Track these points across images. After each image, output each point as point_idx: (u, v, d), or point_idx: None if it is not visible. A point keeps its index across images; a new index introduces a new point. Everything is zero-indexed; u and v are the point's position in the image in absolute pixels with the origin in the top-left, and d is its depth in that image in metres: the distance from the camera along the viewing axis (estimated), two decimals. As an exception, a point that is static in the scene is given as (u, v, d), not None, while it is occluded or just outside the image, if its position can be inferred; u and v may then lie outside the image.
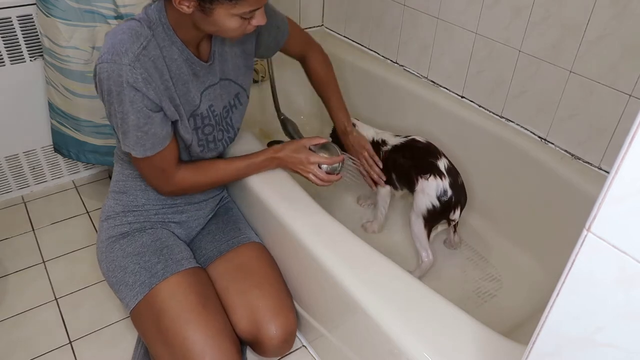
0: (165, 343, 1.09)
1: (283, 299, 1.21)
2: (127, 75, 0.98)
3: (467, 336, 0.93)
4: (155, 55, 1.03)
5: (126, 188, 1.25)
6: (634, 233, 0.44)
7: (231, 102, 1.24)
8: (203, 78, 1.14)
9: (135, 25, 1.02)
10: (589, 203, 0.47)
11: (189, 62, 1.09)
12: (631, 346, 0.49)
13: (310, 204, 1.22)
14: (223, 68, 1.19)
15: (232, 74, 1.22)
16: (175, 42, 1.06)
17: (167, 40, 1.05)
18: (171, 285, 1.14)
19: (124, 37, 1.00)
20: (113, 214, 1.25)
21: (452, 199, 1.35)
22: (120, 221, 1.24)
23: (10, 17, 1.53)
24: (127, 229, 1.23)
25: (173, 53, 1.06)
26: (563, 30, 1.32)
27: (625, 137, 0.42)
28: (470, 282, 1.49)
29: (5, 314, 1.41)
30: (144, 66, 1.00)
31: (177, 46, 1.07)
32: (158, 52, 1.03)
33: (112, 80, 0.99)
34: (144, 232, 1.23)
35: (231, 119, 1.25)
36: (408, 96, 1.77)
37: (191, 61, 1.10)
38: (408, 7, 1.74)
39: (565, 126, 1.40)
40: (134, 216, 1.24)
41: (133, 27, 1.02)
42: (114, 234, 1.23)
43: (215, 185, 1.29)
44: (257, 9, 1.01)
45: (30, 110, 1.70)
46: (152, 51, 1.02)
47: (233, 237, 1.30)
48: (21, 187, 1.83)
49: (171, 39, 1.06)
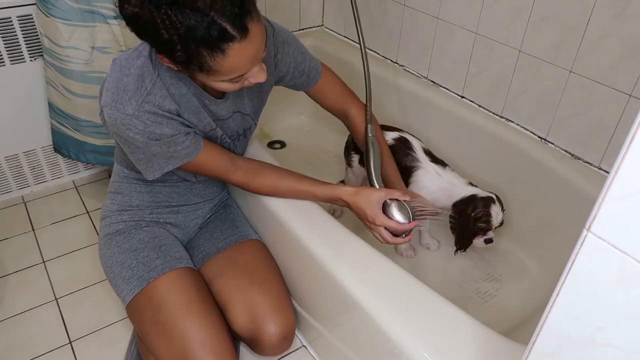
0: (163, 335, 1.10)
1: (282, 296, 1.22)
2: (135, 123, 0.97)
3: (467, 336, 0.93)
4: (162, 96, 0.99)
5: (122, 189, 1.26)
6: (634, 233, 0.44)
7: (239, 132, 1.22)
8: (215, 111, 1.10)
9: (141, 65, 0.98)
10: (589, 203, 0.47)
11: (197, 95, 1.06)
12: (631, 346, 0.49)
13: (311, 204, 1.22)
14: (237, 102, 1.16)
15: (247, 109, 1.19)
16: (182, 78, 1.02)
17: (174, 77, 1.01)
18: (172, 279, 1.15)
19: (129, 81, 0.97)
20: (109, 212, 1.27)
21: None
22: (115, 219, 1.25)
23: (10, 17, 1.53)
24: (123, 227, 1.24)
25: (181, 88, 1.02)
26: (563, 30, 1.32)
27: (625, 137, 0.42)
28: (470, 282, 1.49)
29: (5, 314, 1.41)
30: (151, 111, 0.98)
31: (184, 82, 1.02)
32: (165, 92, 1.00)
33: (117, 127, 0.99)
34: (140, 230, 1.24)
35: (237, 146, 1.24)
36: (408, 96, 1.77)
37: (200, 95, 1.06)
38: (408, 7, 1.74)
39: (565, 126, 1.40)
40: (128, 215, 1.25)
41: (139, 69, 0.98)
42: (110, 231, 1.24)
43: (280, 196, 1.23)
44: (241, 75, 0.94)
45: (30, 110, 1.70)
46: (157, 93, 0.99)
47: (231, 234, 1.30)
48: (21, 187, 1.83)
49: (177, 76, 1.01)
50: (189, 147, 1.06)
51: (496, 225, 1.31)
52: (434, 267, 1.51)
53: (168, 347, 1.09)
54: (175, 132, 1.02)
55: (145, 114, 0.97)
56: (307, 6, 2.08)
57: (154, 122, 0.98)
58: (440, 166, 1.37)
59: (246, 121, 1.21)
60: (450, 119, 1.65)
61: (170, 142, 1.03)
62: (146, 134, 0.99)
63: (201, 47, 0.85)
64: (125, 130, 0.98)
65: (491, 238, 1.33)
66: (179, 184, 1.25)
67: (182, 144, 1.04)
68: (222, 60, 0.87)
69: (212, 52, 0.86)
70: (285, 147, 2.06)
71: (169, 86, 1.01)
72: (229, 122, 1.16)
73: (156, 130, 0.99)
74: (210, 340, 1.08)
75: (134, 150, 1.05)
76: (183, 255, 1.23)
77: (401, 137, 1.43)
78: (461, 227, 1.33)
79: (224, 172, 1.14)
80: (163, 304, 1.11)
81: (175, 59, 0.88)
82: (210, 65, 0.88)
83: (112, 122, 0.98)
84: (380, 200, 1.12)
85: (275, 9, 2.00)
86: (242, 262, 1.24)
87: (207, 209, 1.35)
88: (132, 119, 0.97)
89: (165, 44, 0.85)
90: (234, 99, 1.14)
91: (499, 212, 1.30)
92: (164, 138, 1.01)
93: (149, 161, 1.06)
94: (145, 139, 1.00)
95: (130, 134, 0.99)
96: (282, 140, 2.08)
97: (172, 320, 1.10)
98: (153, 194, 1.25)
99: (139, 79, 0.98)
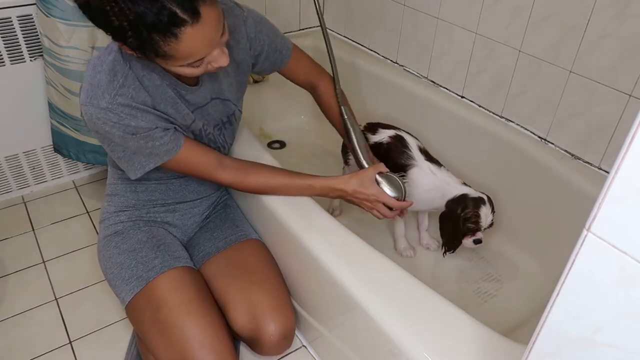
0: (163, 334, 1.10)
1: (282, 296, 1.22)
2: (109, 116, 0.98)
3: (467, 336, 0.93)
4: (135, 88, 1.00)
5: (117, 190, 1.27)
6: (634, 233, 0.44)
7: (224, 120, 1.22)
8: (191, 100, 1.11)
9: (112, 60, 0.99)
10: (589, 203, 0.47)
11: (172, 86, 1.06)
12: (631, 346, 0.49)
13: (311, 204, 1.22)
14: (214, 87, 1.16)
15: (226, 94, 1.20)
16: (155, 69, 1.02)
17: (146, 68, 1.01)
18: (171, 278, 1.14)
19: (101, 77, 0.98)
20: (107, 215, 1.27)
21: None
22: (113, 221, 1.25)
23: (10, 17, 1.53)
24: (121, 227, 1.24)
25: (154, 79, 1.03)
26: (563, 30, 1.32)
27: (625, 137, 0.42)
28: (470, 282, 1.49)
29: (5, 314, 1.41)
30: (124, 103, 0.98)
31: (156, 72, 1.03)
32: (138, 84, 1.00)
33: (93, 123, 1.00)
34: (138, 230, 1.24)
35: (224, 136, 1.24)
36: (408, 96, 1.77)
37: (175, 84, 1.06)
38: (408, 7, 1.74)
39: (565, 126, 1.40)
40: (126, 215, 1.26)
41: (111, 64, 0.99)
42: (108, 233, 1.25)
43: (272, 194, 1.24)
44: (201, 58, 0.93)
45: (30, 110, 1.70)
46: (130, 85, 0.99)
47: (231, 234, 1.30)
48: (21, 187, 1.83)
49: (150, 66, 1.02)
50: (168, 144, 1.06)
51: (485, 226, 1.31)
52: (434, 267, 1.51)
53: (167, 346, 1.09)
54: (151, 125, 1.02)
55: (119, 107, 0.98)
56: (307, 6, 2.08)
57: (128, 114, 0.99)
58: (436, 165, 1.38)
59: (228, 107, 1.21)
60: (450, 119, 1.65)
61: (147, 137, 1.02)
62: (122, 127, 0.99)
63: (153, 33, 0.85)
64: (102, 125, 0.99)
65: (480, 239, 1.33)
66: (174, 181, 1.25)
67: (160, 139, 1.04)
68: (176, 45, 0.87)
69: (164, 38, 0.85)
70: (285, 147, 2.06)
71: (141, 78, 1.01)
72: (208, 109, 1.16)
73: (131, 122, 0.99)
74: (209, 340, 1.08)
75: (114, 149, 1.05)
76: (182, 255, 1.23)
77: (397, 135, 1.43)
78: (450, 226, 1.33)
79: (211, 170, 1.14)
80: (162, 303, 1.11)
81: (129, 46, 0.88)
82: (165, 51, 0.88)
83: (89, 118, 1.00)
84: (372, 178, 1.18)
85: (275, 9, 2.00)
86: (242, 262, 1.24)
87: (204, 206, 1.35)
88: (106, 112, 0.98)
89: (116, 30, 0.86)
90: (211, 84, 1.15)
91: (489, 214, 1.30)
92: (140, 132, 1.01)
93: (129, 159, 1.07)
94: (122, 133, 1.00)
95: (107, 129, 0.99)
96: (282, 140, 2.08)
97: (171, 319, 1.10)
98: (148, 192, 1.25)
99: (110, 73, 0.98)
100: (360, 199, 1.19)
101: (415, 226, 1.61)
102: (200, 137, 1.16)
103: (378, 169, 1.20)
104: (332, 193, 1.21)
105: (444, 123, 1.67)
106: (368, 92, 1.92)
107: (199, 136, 1.16)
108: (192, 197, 1.31)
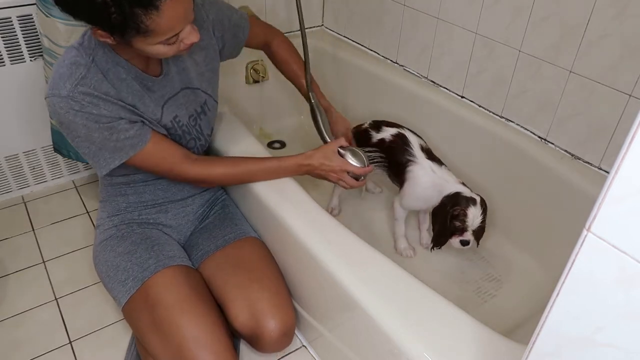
0: (160, 333, 1.10)
1: (282, 293, 1.22)
2: (71, 104, 0.99)
3: (467, 336, 0.93)
4: (98, 80, 1.02)
5: (108, 196, 1.28)
6: (634, 233, 0.44)
7: (197, 110, 1.23)
8: (159, 92, 1.13)
9: (74, 55, 1.02)
10: (589, 203, 0.47)
11: (138, 79, 1.08)
12: (631, 346, 0.49)
13: (310, 203, 1.22)
14: (183, 77, 1.18)
15: (195, 82, 1.21)
16: (120, 62, 1.05)
17: (111, 62, 1.04)
18: (165, 277, 1.15)
19: (63, 70, 1.00)
20: (101, 220, 1.28)
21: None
22: (107, 225, 1.26)
23: (10, 17, 1.53)
24: (115, 231, 1.25)
25: (119, 73, 1.05)
26: (563, 30, 1.32)
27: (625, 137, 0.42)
28: (470, 282, 1.49)
29: (5, 314, 1.41)
30: (86, 92, 1.00)
31: (122, 65, 1.05)
32: (101, 76, 1.02)
33: (57, 113, 1.01)
34: (132, 232, 1.24)
35: (200, 126, 1.25)
36: (408, 96, 1.77)
37: (141, 77, 1.08)
38: (408, 7, 1.74)
39: (565, 126, 1.40)
40: (118, 219, 1.26)
41: (72, 58, 1.01)
42: (104, 238, 1.25)
43: (241, 182, 1.29)
44: (176, 34, 0.97)
45: (30, 110, 1.70)
46: (93, 77, 1.01)
47: (230, 232, 1.30)
48: (21, 187, 1.83)
49: (114, 60, 1.04)
50: (133, 138, 1.06)
51: (472, 227, 1.31)
52: (434, 267, 1.52)
53: (164, 345, 1.09)
54: (114, 115, 1.03)
55: (80, 95, 0.99)
56: (307, 6, 2.08)
57: (90, 102, 1.00)
58: (436, 164, 1.39)
59: (198, 96, 1.23)
60: (450, 119, 1.65)
61: (112, 128, 1.03)
62: (84, 114, 1.00)
63: (135, 7, 0.88)
64: (65, 114, 1.00)
65: (467, 240, 1.32)
66: (161, 180, 1.26)
67: (125, 132, 1.05)
68: (158, 17, 0.90)
69: (146, 11, 0.89)
70: (285, 147, 2.06)
71: (105, 72, 1.03)
72: (179, 99, 1.17)
73: (93, 110, 1.01)
74: (206, 337, 1.08)
75: (79, 144, 1.06)
76: (177, 254, 1.23)
77: (399, 133, 1.45)
78: (439, 222, 1.34)
79: (178, 164, 1.14)
80: (157, 302, 1.11)
81: (112, 25, 0.90)
82: (147, 25, 0.91)
83: (53, 109, 1.01)
84: (334, 150, 1.25)
85: (276, 9, 2.00)
86: (241, 260, 1.24)
87: (196, 205, 1.35)
88: (67, 101, 0.99)
89: (99, 10, 0.88)
90: (179, 75, 1.17)
91: (478, 215, 1.30)
92: (102, 120, 1.02)
93: (94, 155, 1.07)
94: (85, 121, 1.01)
95: (70, 117, 1.00)
96: (282, 140, 2.09)
97: (167, 318, 1.09)
98: (138, 194, 1.26)
99: (71, 67, 1.00)
100: (326, 171, 1.24)
101: (416, 226, 1.61)
102: (174, 129, 1.17)
103: (339, 143, 1.26)
104: (300, 169, 1.26)
105: (444, 123, 1.67)
106: (368, 92, 1.92)
107: (172, 128, 1.17)
108: (182, 196, 1.31)
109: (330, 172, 1.24)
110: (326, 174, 1.25)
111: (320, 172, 1.25)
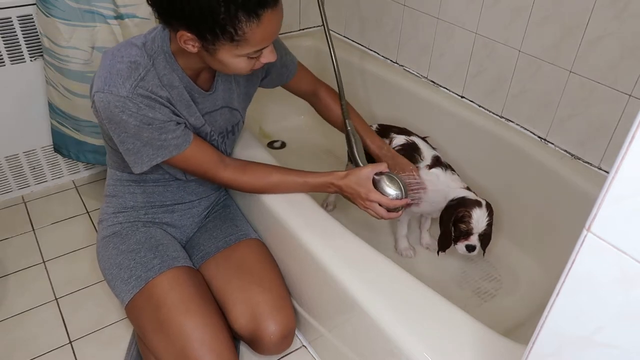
0: (163, 333, 1.10)
1: (282, 295, 1.22)
2: (128, 106, 0.99)
3: (467, 336, 0.93)
4: (154, 84, 1.02)
5: (116, 191, 1.27)
6: (634, 233, 0.44)
7: (228, 129, 1.25)
8: (202, 105, 1.14)
9: (135, 54, 1.01)
10: (589, 203, 0.47)
11: (188, 89, 1.09)
12: (631, 346, 0.49)
13: (311, 204, 1.22)
14: (226, 96, 1.19)
15: (236, 103, 1.23)
16: (176, 70, 1.06)
17: (168, 68, 1.05)
18: (170, 278, 1.15)
19: (122, 67, 1.00)
20: (106, 216, 1.28)
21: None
22: (112, 222, 1.26)
23: (10, 17, 1.53)
24: (119, 228, 1.25)
25: (173, 80, 1.06)
26: (563, 30, 1.32)
27: (625, 137, 0.42)
28: (470, 282, 1.49)
29: (5, 314, 1.41)
30: (144, 94, 1.00)
31: (177, 74, 1.06)
32: (157, 81, 1.03)
33: (109, 110, 1.00)
34: (137, 231, 1.24)
35: (225, 144, 1.26)
36: (408, 96, 1.77)
37: (190, 88, 1.10)
38: (408, 7, 1.74)
39: (565, 126, 1.40)
40: (124, 216, 1.26)
41: (132, 57, 1.01)
42: (107, 234, 1.25)
43: (264, 193, 1.25)
44: (263, 48, 1.00)
45: (30, 110, 1.70)
46: (150, 81, 1.02)
47: (231, 233, 1.30)
48: (21, 187, 1.83)
49: (172, 67, 1.05)
50: (179, 138, 1.07)
51: (477, 230, 1.28)
52: (434, 267, 1.51)
53: (167, 345, 1.09)
54: (167, 118, 1.04)
55: (138, 97, 0.99)
56: (307, 6, 2.08)
57: (147, 105, 1.01)
58: (441, 168, 1.38)
59: (234, 116, 1.24)
60: (450, 119, 1.65)
61: (161, 129, 1.04)
62: (139, 116, 1.00)
63: (240, 11, 0.90)
64: (119, 113, 0.99)
65: (473, 245, 1.29)
66: (172, 183, 1.26)
67: (172, 132, 1.06)
68: (256, 27, 0.93)
69: (249, 17, 0.91)
70: (285, 147, 2.06)
71: (161, 77, 1.04)
72: (216, 116, 1.18)
73: (149, 113, 1.01)
74: (209, 338, 1.08)
75: (124, 140, 1.05)
76: (180, 255, 1.23)
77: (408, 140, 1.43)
78: (445, 225, 1.33)
79: (213, 168, 1.15)
80: (162, 303, 1.11)
81: (211, 28, 0.92)
82: (244, 32, 0.93)
83: (105, 106, 1.00)
84: (369, 176, 1.16)
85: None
86: (242, 261, 1.24)
87: (202, 207, 1.35)
88: (125, 101, 0.99)
89: (211, 9, 0.89)
90: (223, 93, 1.17)
91: (483, 218, 1.27)
92: (155, 123, 1.02)
93: (137, 152, 1.07)
94: (138, 123, 1.01)
95: (124, 117, 1.00)
96: (282, 140, 2.09)
97: (170, 318, 1.10)
98: (147, 194, 1.26)
99: (132, 66, 1.00)
100: (353, 195, 1.17)
101: (417, 225, 1.61)
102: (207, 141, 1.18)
103: (378, 168, 1.18)
104: (329, 189, 1.21)
105: (444, 123, 1.67)
106: (368, 92, 1.92)
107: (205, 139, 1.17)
108: (191, 199, 1.31)
109: (357, 198, 1.16)
110: (354, 200, 1.18)
111: (348, 195, 1.19)
